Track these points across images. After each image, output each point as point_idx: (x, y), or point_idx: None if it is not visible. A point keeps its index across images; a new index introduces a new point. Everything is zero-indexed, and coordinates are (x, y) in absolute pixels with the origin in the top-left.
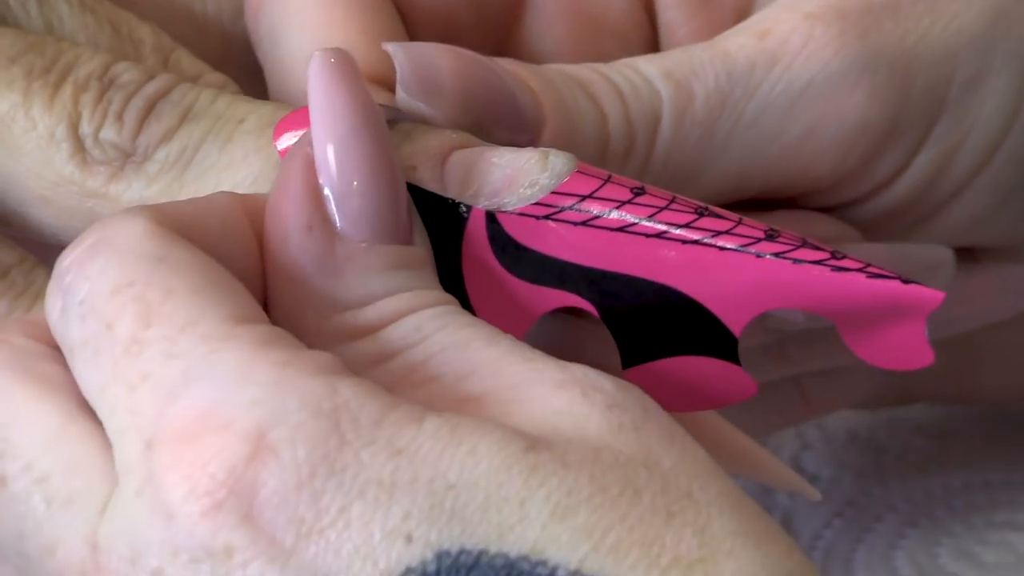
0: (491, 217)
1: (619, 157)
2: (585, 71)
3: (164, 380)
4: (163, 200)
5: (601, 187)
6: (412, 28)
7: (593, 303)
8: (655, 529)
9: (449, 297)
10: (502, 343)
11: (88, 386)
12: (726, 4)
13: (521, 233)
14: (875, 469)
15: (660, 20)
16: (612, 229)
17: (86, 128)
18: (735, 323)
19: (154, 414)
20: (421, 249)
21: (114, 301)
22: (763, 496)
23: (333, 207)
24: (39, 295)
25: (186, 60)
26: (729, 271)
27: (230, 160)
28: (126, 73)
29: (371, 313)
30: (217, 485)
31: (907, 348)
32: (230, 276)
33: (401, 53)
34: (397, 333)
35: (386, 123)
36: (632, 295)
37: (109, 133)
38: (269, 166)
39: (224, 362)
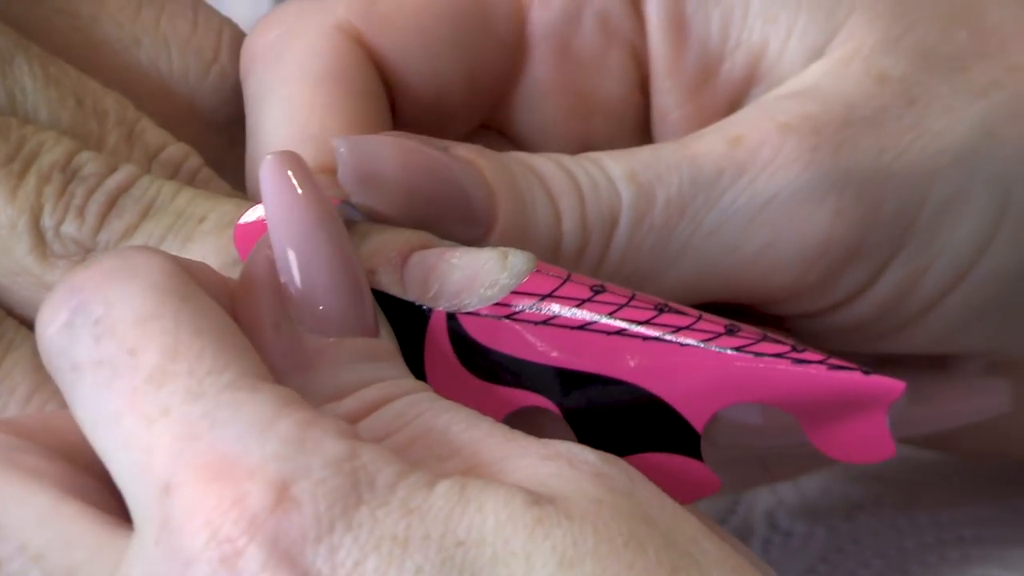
0: (452, 318)
1: (572, 257)
2: (548, 164)
3: (186, 418)
4: None
5: (561, 286)
6: (403, 100)
7: (555, 402)
8: None
9: (423, 384)
10: (482, 425)
11: (95, 412)
12: (719, 93)
13: (482, 334)
14: (848, 526)
15: (653, 102)
16: (573, 328)
17: (47, 221)
18: (697, 419)
19: (173, 453)
20: (388, 341)
21: (140, 329)
22: None
23: (298, 306)
24: (9, 347)
25: (150, 131)
26: (690, 367)
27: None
28: (89, 164)
29: (349, 404)
30: (239, 532)
31: (869, 441)
32: (243, 335)
33: (344, 147)
34: (377, 422)
35: (343, 222)
36: (594, 393)
37: (70, 228)
38: (229, 267)
39: (249, 413)
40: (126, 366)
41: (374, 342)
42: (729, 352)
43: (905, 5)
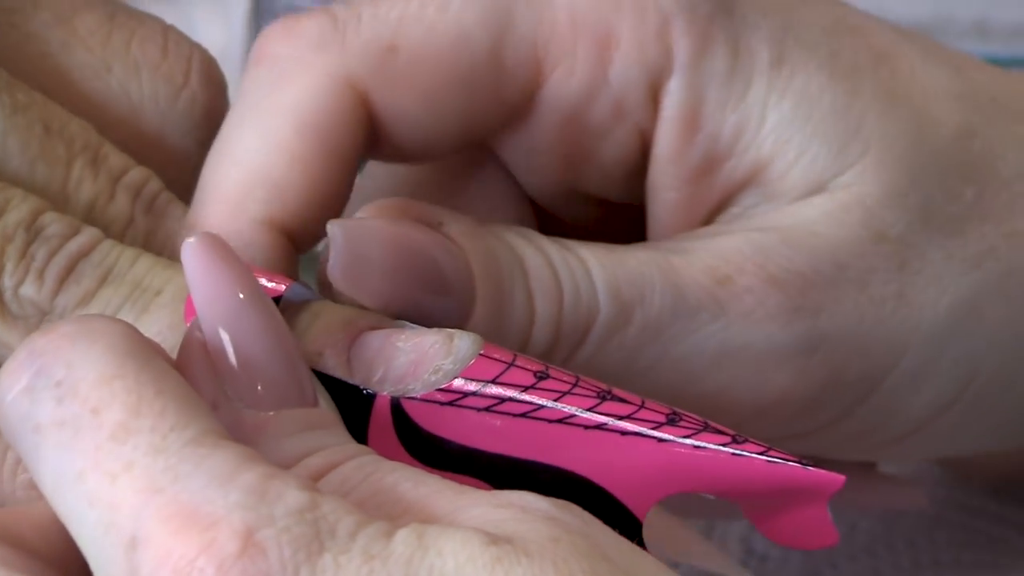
0: (396, 403)
1: (537, 355)
2: (536, 259)
3: (148, 472)
4: None
5: (505, 371)
6: (394, 136)
7: (496, 487)
8: None
9: (366, 448)
10: (430, 481)
11: (59, 473)
12: (716, 187)
13: (425, 419)
14: (824, 551)
15: (650, 176)
16: (515, 415)
17: (7, 282)
18: (639, 508)
19: (137, 506)
20: (327, 409)
21: (103, 388)
22: None
23: (234, 384)
24: None
25: (113, 156)
26: (632, 455)
27: (145, 331)
28: (52, 225)
29: (296, 475)
30: None
31: (811, 529)
32: (202, 400)
33: (339, 232)
34: (325, 490)
35: (270, 300)
36: (536, 481)
37: (29, 290)
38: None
39: (211, 466)
40: (89, 425)
41: (314, 412)
42: (670, 441)
43: (920, 151)
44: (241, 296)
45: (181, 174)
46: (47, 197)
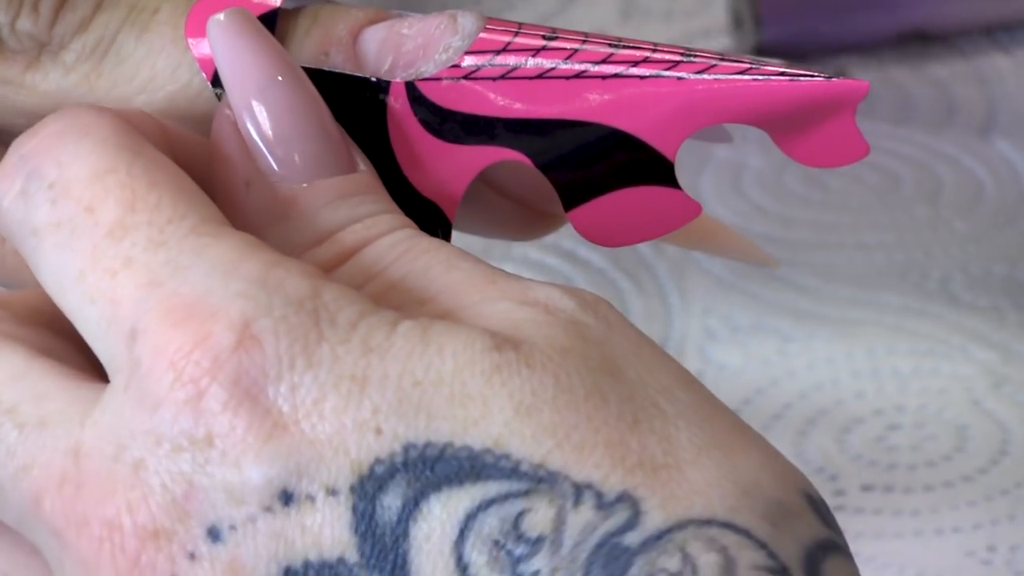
0: (411, 87)
1: None
2: None
3: (148, 266)
4: (82, 89)
5: (513, 39)
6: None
7: (524, 153)
8: (620, 433)
9: (405, 220)
10: (462, 266)
11: (60, 273)
12: None
13: (443, 97)
14: (781, 358)
15: None
16: (531, 77)
17: (2, 18)
18: (668, 147)
19: (137, 299)
20: (365, 174)
21: (96, 186)
22: None
23: (267, 158)
24: None
25: None
26: (653, 98)
27: (148, 50)
28: None
29: (328, 251)
30: (202, 372)
31: (842, 143)
32: (197, 186)
33: None
34: (357, 267)
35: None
36: (562, 139)
37: (25, 24)
38: (188, 57)
39: (212, 255)
40: (85, 224)
41: (350, 178)
42: (690, 77)
43: None
44: (274, 67)
45: None
46: None
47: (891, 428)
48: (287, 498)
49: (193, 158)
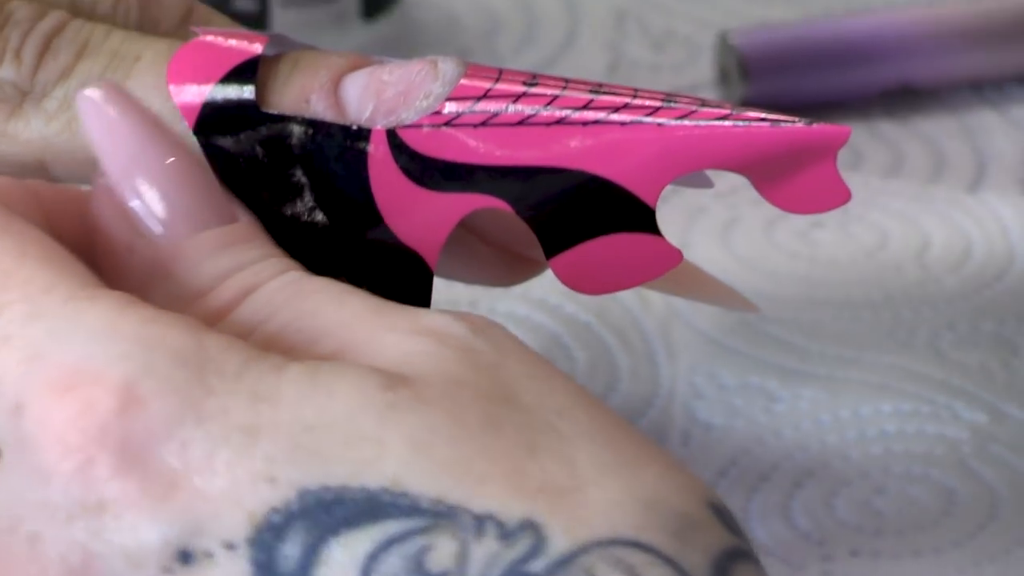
0: (392, 135)
1: None
2: None
3: (27, 339)
4: (64, 137)
5: (494, 85)
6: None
7: (505, 200)
8: (519, 461)
9: (292, 263)
10: (351, 302)
11: None
12: None
13: (424, 145)
14: (768, 418)
15: None
16: (512, 124)
17: None
18: (649, 194)
19: (19, 375)
20: (246, 224)
21: None
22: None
23: (145, 222)
24: None
25: None
26: (635, 144)
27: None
28: (20, 10)
29: (213, 301)
30: (88, 440)
31: (822, 189)
32: (68, 252)
33: None
34: (245, 314)
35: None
36: (543, 186)
37: (8, 72)
38: (170, 104)
39: (90, 320)
40: None
41: (231, 228)
42: (671, 123)
43: None
44: (142, 139)
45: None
46: None
47: (877, 491)
48: (185, 557)
49: (72, 219)
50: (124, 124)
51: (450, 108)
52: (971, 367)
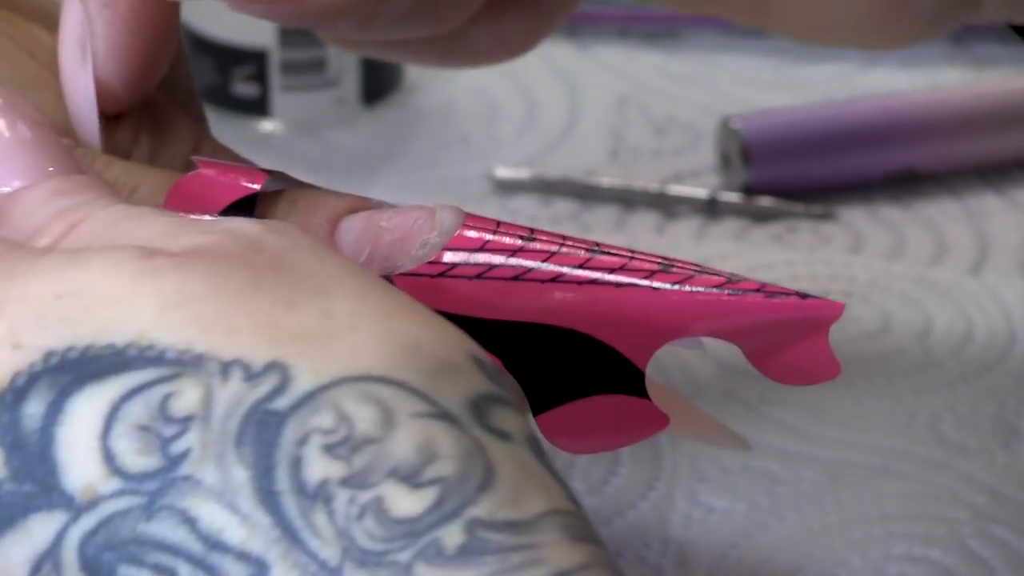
0: (387, 281)
1: None
2: None
3: None
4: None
5: (491, 238)
6: None
7: (496, 355)
8: (275, 315)
9: (121, 200)
10: (161, 220)
11: None
12: None
13: (418, 294)
14: (770, 501)
15: None
16: (507, 279)
17: None
18: (639, 358)
19: None
20: (91, 177)
21: None
22: (659, 528)
23: None
24: None
25: None
26: (628, 307)
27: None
28: None
29: (46, 236)
30: None
31: (814, 363)
32: None
33: None
34: (69, 243)
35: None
36: (534, 342)
37: None
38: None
39: None
40: None
41: (70, 177)
42: (666, 288)
43: None
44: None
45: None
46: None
47: (878, 573)
48: None
49: None
50: None
51: (448, 258)
52: (972, 449)
